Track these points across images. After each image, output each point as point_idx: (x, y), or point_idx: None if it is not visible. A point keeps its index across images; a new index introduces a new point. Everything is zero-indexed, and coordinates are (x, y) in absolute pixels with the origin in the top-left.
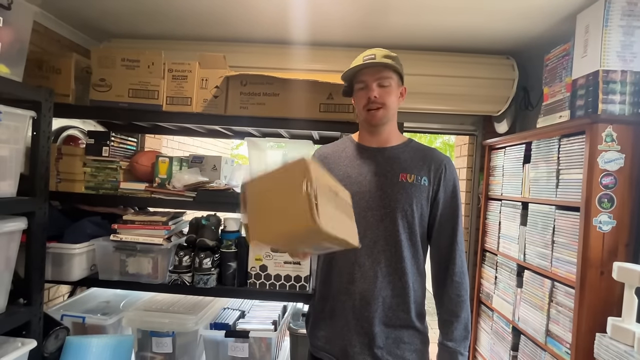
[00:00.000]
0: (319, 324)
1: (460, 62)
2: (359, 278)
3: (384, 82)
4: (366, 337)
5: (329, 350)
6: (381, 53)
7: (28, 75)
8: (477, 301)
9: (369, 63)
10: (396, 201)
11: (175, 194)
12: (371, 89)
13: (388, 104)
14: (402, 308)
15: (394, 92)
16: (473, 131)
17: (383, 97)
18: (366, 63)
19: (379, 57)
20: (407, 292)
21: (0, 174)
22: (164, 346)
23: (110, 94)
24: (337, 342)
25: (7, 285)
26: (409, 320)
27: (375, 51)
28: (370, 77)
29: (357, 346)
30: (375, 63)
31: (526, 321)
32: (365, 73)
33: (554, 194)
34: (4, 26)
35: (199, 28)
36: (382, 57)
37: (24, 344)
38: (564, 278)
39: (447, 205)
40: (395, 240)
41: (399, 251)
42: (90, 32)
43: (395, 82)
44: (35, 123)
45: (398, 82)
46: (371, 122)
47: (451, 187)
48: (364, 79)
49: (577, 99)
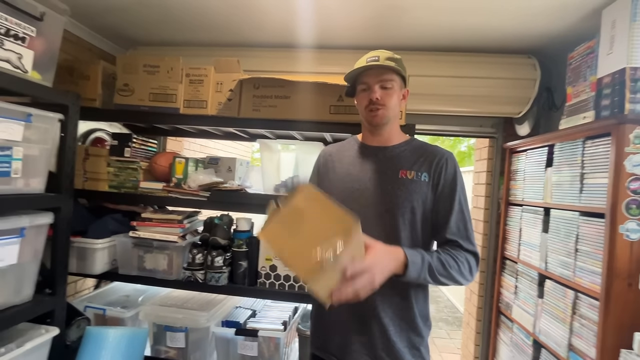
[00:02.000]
0: (319, 323)
1: (479, 62)
2: None
3: (387, 84)
4: (365, 336)
5: (328, 350)
6: (384, 55)
7: (60, 81)
8: (496, 311)
9: (371, 65)
10: (396, 197)
11: (190, 193)
12: (373, 91)
13: (389, 105)
14: (402, 306)
15: (395, 94)
16: (493, 134)
17: (384, 98)
18: (369, 65)
19: (382, 59)
20: (407, 291)
21: (31, 172)
22: (177, 341)
23: (132, 98)
24: (336, 342)
25: (35, 275)
26: (411, 321)
27: (379, 53)
28: (372, 78)
29: (357, 345)
30: (378, 65)
31: (547, 334)
32: (368, 75)
33: (578, 200)
34: (37, 36)
35: (213, 34)
36: (385, 60)
37: (47, 331)
38: (588, 289)
39: (445, 199)
40: (395, 237)
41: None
42: (118, 40)
43: (397, 84)
44: (62, 125)
45: (401, 84)
46: (372, 122)
47: (450, 180)
48: (366, 80)
49: (603, 99)
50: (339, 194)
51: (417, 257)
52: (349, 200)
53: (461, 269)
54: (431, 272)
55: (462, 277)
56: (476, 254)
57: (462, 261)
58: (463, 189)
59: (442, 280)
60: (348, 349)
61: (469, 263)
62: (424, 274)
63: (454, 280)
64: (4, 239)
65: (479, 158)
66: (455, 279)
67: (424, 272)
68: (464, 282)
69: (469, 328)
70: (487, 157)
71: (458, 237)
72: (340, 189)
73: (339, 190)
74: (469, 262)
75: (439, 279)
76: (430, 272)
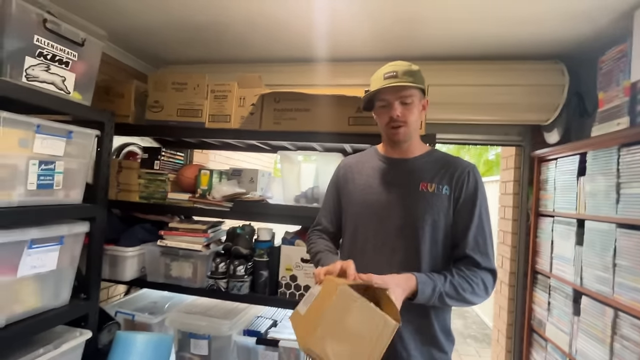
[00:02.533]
0: None
1: (502, 70)
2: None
3: (407, 100)
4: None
5: None
6: (402, 69)
7: (98, 100)
8: (528, 329)
9: (391, 84)
10: (416, 211)
11: (214, 204)
12: (394, 108)
13: (410, 122)
14: (423, 322)
15: (416, 107)
16: (520, 142)
17: (405, 115)
18: (388, 85)
19: (400, 75)
20: (427, 306)
21: (71, 184)
22: (201, 348)
23: (162, 114)
24: None
25: (71, 281)
26: (432, 337)
27: (396, 68)
28: (392, 95)
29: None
30: (397, 84)
31: (586, 355)
32: (386, 91)
33: (614, 210)
34: (79, 60)
35: (236, 51)
36: (403, 75)
37: (81, 334)
38: (629, 307)
39: (465, 213)
40: (415, 251)
41: (418, 262)
42: (149, 60)
43: (417, 98)
44: (99, 140)
45: (420, 96)
46: (393, 139)
47: (471, 193)
48: (385, 97)
49: (638, 104)
50: (358, 206)
51: (427, 286)
52: (369, 213)
53: (475, 290)
54: (441, 299)
55: (476, 297)
56: (493, 271)
57: (476, 282)
58: (485, 203)
59: (452, 303)
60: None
61: (485, 283)
62: (433, 300)
63: (466, 302)
64: (46, 246)
65: (506, 167)
66: (468, 301)
67: (434, 299)
68: (478, 302)
69: (499, 346)
70: (514, 166)
71: (476, 252)
72: (360, 201)
73: (358, 202)
74: (485, 282)
75: (448, 303)
76: (441, 299)
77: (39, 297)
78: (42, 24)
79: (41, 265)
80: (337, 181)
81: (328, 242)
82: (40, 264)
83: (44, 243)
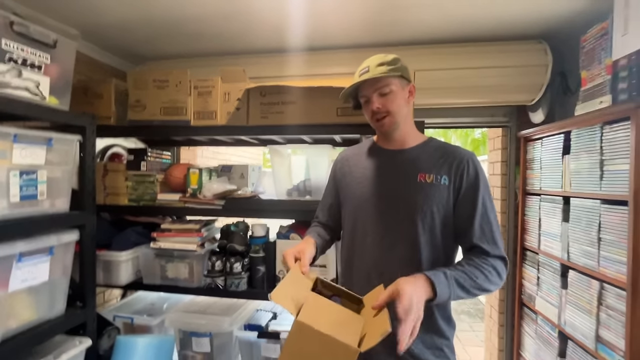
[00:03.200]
0: None
1: (486, 52)
2: (375, 278)
3: (384, 90)
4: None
5: None
6: (375, 62)
7: (76, 102)
8: (519, 303)
9: (362, 80)
10: (414, 202)
11: (205, 202)
12: (372, 102)
13: (393, 111)
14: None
15: (397, 96)
16: (506, 123)
17: (386, 105)
18: (360, 80)
19: (372, 69)
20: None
21: (55, 193)
22: (203, 346)
23: (145, 113)
24: None
25: (65, 290)
26: (433, 324)
27: (369, 62)
28: (368, 89)
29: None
30: (368, 78)
31: (573, 325)
32: (364, 87)
33: (599, 187)
34: (52, 63)
35: (215, 43)
36: (375, 67)
37: (81, 342)
38: (613, 279)
39: (467, 203)
40: (414, 243)
41: (418, 254)
42: (127, 57)
43: (397, 86)
44: (81, 145)
45: (401, 83)
46: (381, 130)
47: (472, 182)
48: (364, 93)
49: (620, 82)
50: (356, 200)
51: (440, 277)
52: (367, 205)
53: (489, 277)
54: (460, 286)
55: (491, 284)
56: (503, 258)
57: (488, 270)
58: (487, 190)
59: (474, 292)
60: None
61: (496, 269)
62: (454, 290)
63: (484, 289)
64: (36, 258)
65: (493, 148)
66: (485, 289)
67: (452, 287)
68: (493, 289)
69: (492, 321)
70: (501, 147)
71: (483, 241)
72: (358, 195)
73: (356, 196)
74: (496, 269)
75: (471, 291)
76: (460, 286)
77: (34, 309)
78: (8, 26)
79: (32, 277)
80: (335, 175)
81: (322, 231)
82: (31, 277)
83: (33, 255)
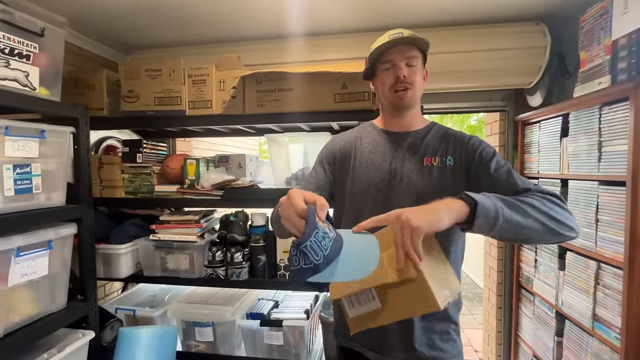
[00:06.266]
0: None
1: (483, 35)
2: None
3: (412, 62)
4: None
5: (359, 340)
6: (408, 32)
7: (67, 94)
8: (517, 285)
9: (398, 39)
10: (421, 186)
11: (204, 193)
12: (400, 68)
13: (416, 85)
14: None
15: (419, 72)
16: (503, 107)
17: (411, 76)
18: (396, 39)
19: (406, 34)
20: None
21: (51, 186)
22: (206, 335)
23: (138, 103)
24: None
25: (66, 284)
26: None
27: (402, 30)
28: (398, 55)
29: (393, 335)
30: (405, 39)
31: (570, 305)
32: (392, 52)
33: (596, 169)
34: (40, 52)
35: (209, 31)
36: (409, 36)
37: (84, 335)
38: (610, 259)
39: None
40: None
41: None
42: (118, 46)
43: (420, 62)
44: (75, 137)
45: (422, 65)
46: (398, 104)
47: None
48: (390, 58)
49: (619, 62)
50: (362, 184)
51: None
52: (375, 190)
53: (546, 204)
54: (510, 205)
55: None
56: (554, 194)
57: (540, 200)
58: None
59: (534, 215)
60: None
61: (550, 199)
62: (501, 211)
63: (547, 215)
64: (34, 252)
65: (490, 133)
66: (549, 216)
67: (495, 200)
68: (560, 217)
69: (490, 303)
70: (498, 132)
71: (519, 189)
72: (364, 179)
73: (363, 180)
74: (549, 198)
75: (530, 213)
76: (509, 205)
77: (35, 303)
78: None
79: (32, 272)
80: (333, 155)
81: None
82: (30, 271)
83: (31, 249)
